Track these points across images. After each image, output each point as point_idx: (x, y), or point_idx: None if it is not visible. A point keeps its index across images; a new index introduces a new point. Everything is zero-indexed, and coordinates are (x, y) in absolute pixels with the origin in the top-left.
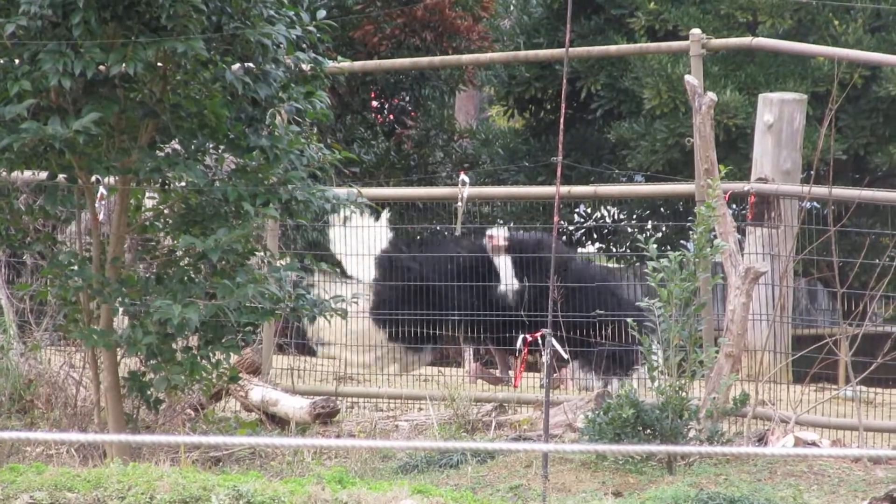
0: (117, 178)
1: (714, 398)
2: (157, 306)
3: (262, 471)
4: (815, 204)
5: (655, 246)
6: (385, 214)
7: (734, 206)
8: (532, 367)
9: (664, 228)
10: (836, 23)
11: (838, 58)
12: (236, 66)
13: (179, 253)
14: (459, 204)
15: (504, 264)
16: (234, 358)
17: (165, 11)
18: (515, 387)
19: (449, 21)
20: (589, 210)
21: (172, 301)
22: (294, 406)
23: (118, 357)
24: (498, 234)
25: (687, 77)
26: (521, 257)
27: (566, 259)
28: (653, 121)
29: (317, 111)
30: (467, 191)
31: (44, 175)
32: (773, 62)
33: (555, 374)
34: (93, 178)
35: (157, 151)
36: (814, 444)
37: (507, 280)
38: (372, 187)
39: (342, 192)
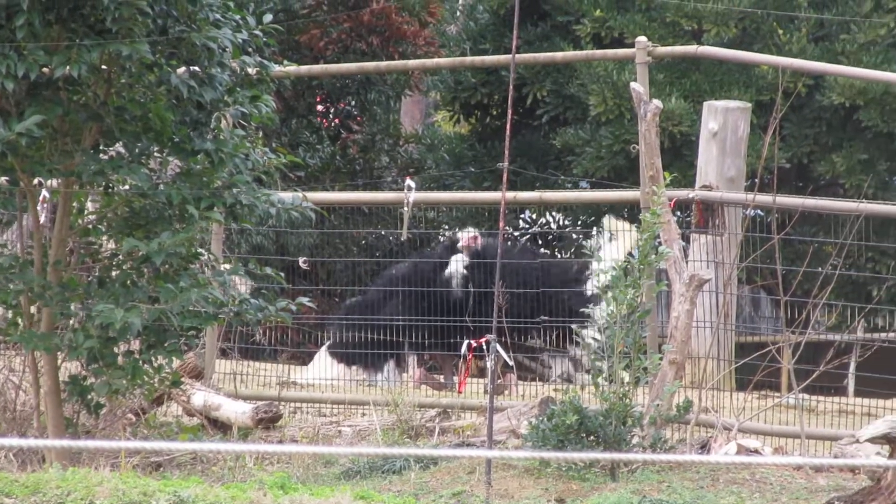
0: (60, 180)
1: (657, 405)
2: (100, 310)
3: (203, 476)
4: (759, 212)
5: (600, 252)
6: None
7: (678, 213)
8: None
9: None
10: (781, 32)
11: (782, 66)
12: (181, 69)
13: (122, 256)
14: (405, 209)
15: (458, 268)
16: (176, 362)
17: (110, 14)
18: (460, 392)
19: (395, 26)
20: (534, 216)
21: (115, 305)
22: (236, 411)
23: (59, 361)
24: (471, 237)
25: (633, 84)
26: (484, 262)
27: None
28: (598, 127)
29: (262, 115)
30: (413, 196)
31: None
32: (717, 70)
33: (499, 380)
34: (35, 181)
35: (101, 154)
36: (756, 451)
37: (475, 285)
38: (317, 192)
39: (287, 196)
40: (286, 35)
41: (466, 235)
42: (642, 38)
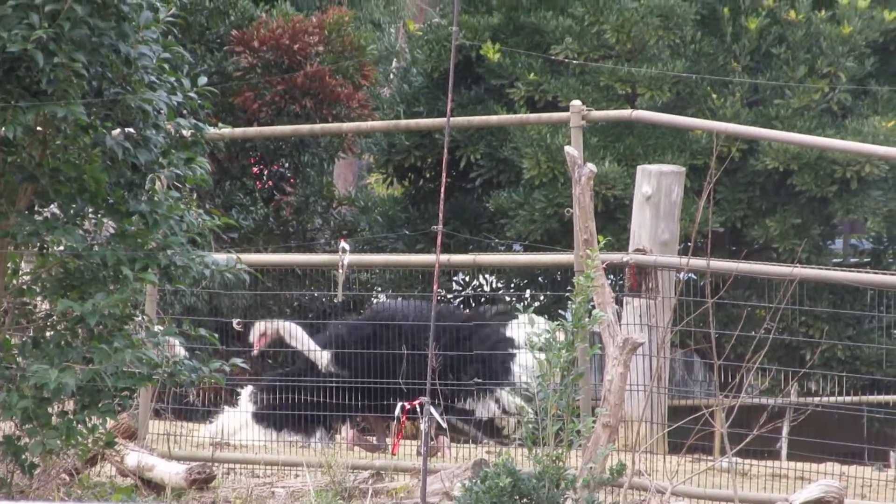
0: None
1: (591, 468)
2: (34, 371)
3: None
4: (692, 275)
5: (534, 315)
6: None
7: (612, 276)
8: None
9: (542, 298)
10: (715, 96)
11: (717, 131)
12: (116, 131)
13: (56, 317)
14: (340, 271)
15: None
16: (110, 423)
17: (46, 76)
18: (393, 454)
19: (329, 88)
20: (467, 278)
21: (49, 365)
22: (170, 472)
23: None
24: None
25: (567, 148)
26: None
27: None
28: (532, 190)
29: (196, 177)
30: (347, 258)
31: None
32: (651, 134)
33: (432, 442)
34: None
35: (36, 215)
36: None
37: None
38: (251, 253)
39: (221, 257)
40: (220, 97)
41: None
42: (577, 102)
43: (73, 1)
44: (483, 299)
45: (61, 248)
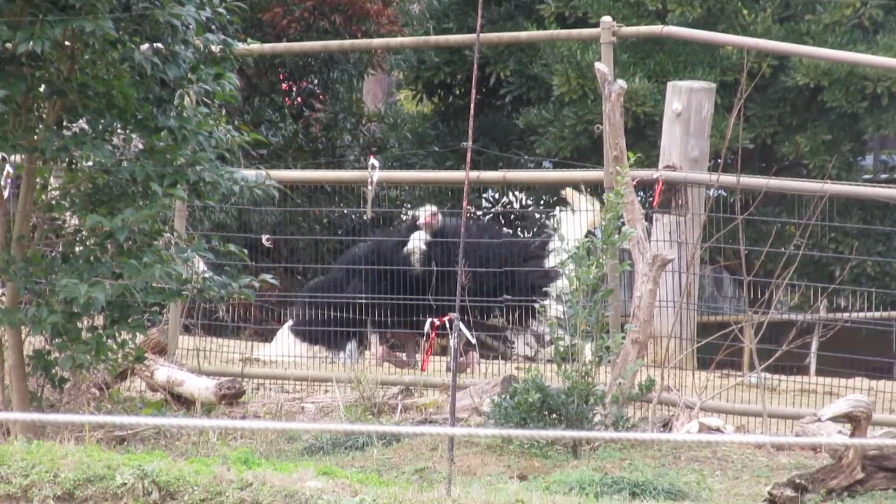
0: (24, 156)
1: (620, 384)
2: (63, 285)
3: (167, 451)
4: (722, 192)
5: (563, 232)
6: None
7: (641, 193)
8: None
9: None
10: (746, 12)
11: (747, 47)
12: (145, 46)
13: (86, 232)
14: (369, 188)
15: (418, 245)
16: (139, 338)
17: None
18: (422, 370)
19: (358, 4)
20: (497, 195)
21: (78, 280)
22: (200, 387)
23: (23, 335)
24: (430, 214)
25: (597, 64)
26: (445, 241)
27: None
28: (561, 107)
29: (225, 93)
30: (377, 175)
31: None
32: (682, 50)
33: (461, 358)
34: None
35: (65, 130)
36: (718, 430)
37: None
38: (280, 170)
39: (250, 174)
40: (249, 13)
41: (426, 212)
42: (607, 18)
43: None
44: (512, 216)
45: (90, 163)
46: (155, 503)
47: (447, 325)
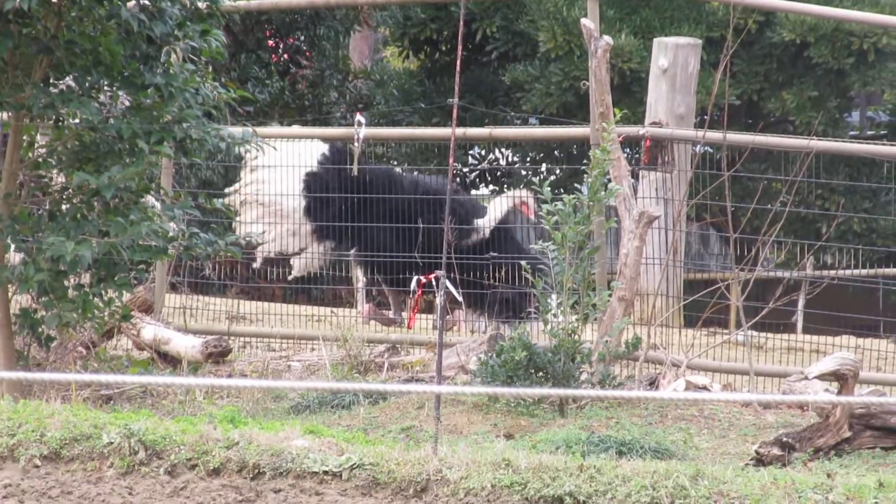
0: (10, 113)
1: (606, 341)
2: (50, 243)
3: (153, 409)
4: (708, 148)
5: (549, 189)
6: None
7: (628, 149)
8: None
9: (558, 171)
10: None
11: (733, 3)
12: (131, 2)
13: (72, 190)
14: (356, 144)
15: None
16: (126, 296)
17: None
18: (409, 328)
19: None
20: (483, 152)
21: (65, 238)
22: (186, 345)
23: (9, 294)
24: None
25: (583, 20)
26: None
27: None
28: (548, 63)
29: (212, 49)
30: (363, 131)
31: None
32: (668, 6)
33: (448, 316)
34: None
35: (51, 88)
36: (705, 388)
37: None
38: (267, 126)
39: (237, 131)
40: None
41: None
42: None
43: None
44: (499, 173)
45: (77, 120)
46: (141, 462)
47: (434, 283)
